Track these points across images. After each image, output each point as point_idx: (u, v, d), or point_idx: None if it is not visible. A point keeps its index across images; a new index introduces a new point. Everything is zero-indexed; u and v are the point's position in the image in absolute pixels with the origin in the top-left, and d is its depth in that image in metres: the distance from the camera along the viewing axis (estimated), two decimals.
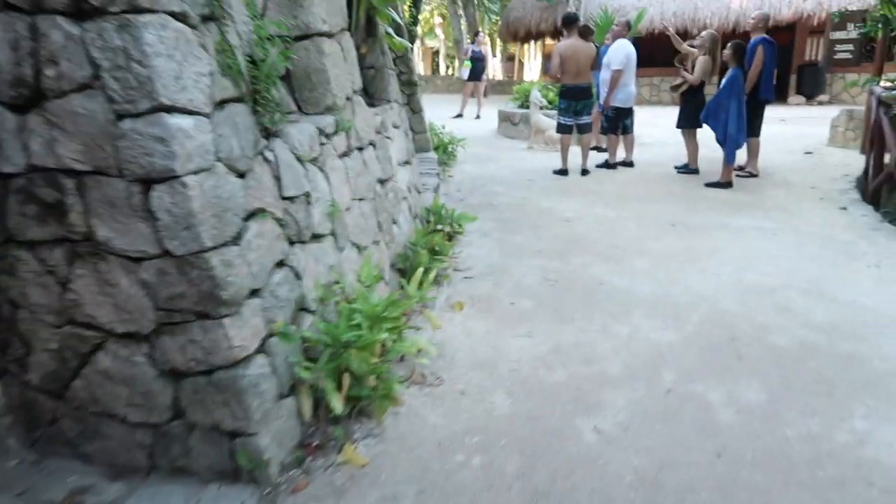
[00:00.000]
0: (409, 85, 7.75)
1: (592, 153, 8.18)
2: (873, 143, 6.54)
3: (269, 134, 2.51)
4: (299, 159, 2.68)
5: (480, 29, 17.35)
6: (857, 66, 8.69)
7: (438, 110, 14.86)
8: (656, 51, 17.12)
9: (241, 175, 2.24)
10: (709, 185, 6.79)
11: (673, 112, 15.82)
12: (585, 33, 7.13)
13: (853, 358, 3.07)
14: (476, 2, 18.87)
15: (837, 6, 13.61)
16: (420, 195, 5.23)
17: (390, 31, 4.60)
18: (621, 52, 7.32)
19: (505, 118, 10.84)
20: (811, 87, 14.93)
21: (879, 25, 6.50)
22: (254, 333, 2.16)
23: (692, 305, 3.69)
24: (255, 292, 2.20)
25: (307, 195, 2.67)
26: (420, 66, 32.99)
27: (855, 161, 8.31)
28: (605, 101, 7.50)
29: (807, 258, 4.47)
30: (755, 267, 4.30)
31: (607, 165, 7.81)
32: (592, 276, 4.20)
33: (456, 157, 8.60)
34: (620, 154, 8.04)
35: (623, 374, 2.93)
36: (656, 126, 12.46)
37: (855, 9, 12.21)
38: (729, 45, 6.67)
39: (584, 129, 7.42)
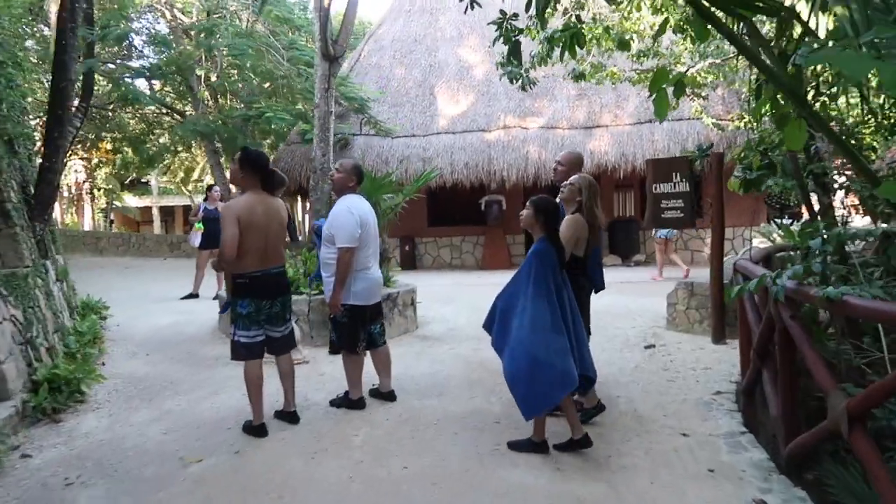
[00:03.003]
0: None
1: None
2: (763, 355, 4.11)
3: None
4: None
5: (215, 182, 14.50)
6: (691, 225, 6.62)
7: (176, 287, 11.22)
8: (453, 207, 15.32)
9: None
10: (514, 446, 3.83)
11: (479, 279, 13.70)
12: (273, 183, 4.21)
13: None
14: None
15: (643, 157, 12.66)
16: None
17: None
18: (349, 217, 4.44)
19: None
20: (626, 246, 13.64)
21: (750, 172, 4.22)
22: None
23: None
24: None
25: None
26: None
27: (713, 358, 6.04)
28: (333, 299, 4.47)
29: None
30: None
31: (348, 403, 4.64)
32: None
33: (84, 397, 4.95)
34: (370, 378, 4.94)
35: None
36: (452, 301, 9.86)
37: (679, 154, 11.18)
38: (529, 202, 4.02)
39: (282, 345, 4.28)
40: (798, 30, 3.31)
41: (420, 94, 15.01)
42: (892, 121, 4.41)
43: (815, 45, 2.26)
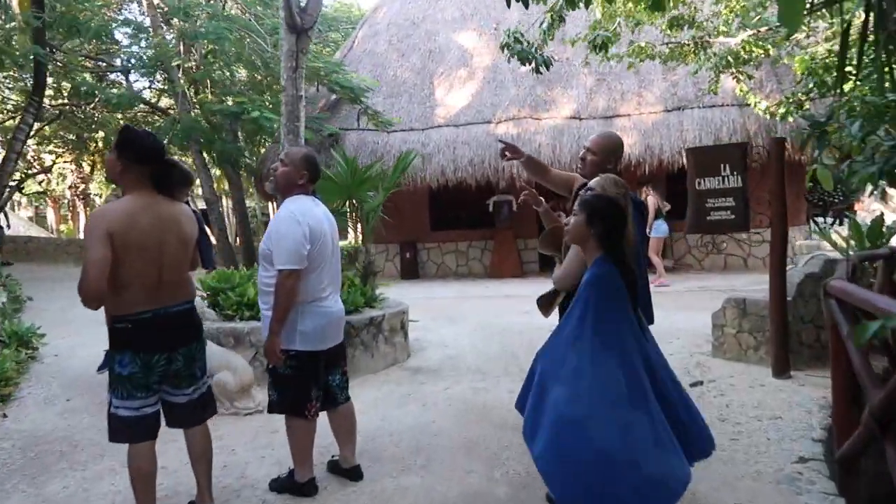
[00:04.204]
0: None
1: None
2: (887, 423, 2.87)
3: None
4: None
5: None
6: (744, 228, 5.33)
7: None
8: (458, 209, 14.05)
9: None
10: None
11: (487, 289, 12.39)
12: (171, 181, 2.97)
13: None
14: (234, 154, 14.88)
15: (670, 150, 11.35)
16: None
17: None
18: (293, 227, 3.20)
19: None
20: None
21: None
22: None
23: None
24: None
25: None
26: None
27: (779, 399, 4.80)
28: (269, 343, 3.22)
29: None
30: None
31: (293, 487, 3.40)
32: None
33: None
34: (329, 443, 3.71)
35: None
36: (454, 319, 8.62)
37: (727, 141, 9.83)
38: (579, 203, 2.73)
39: (190, 413, 3.08)
40: None
41: (418, 84, 13.74)
42: None
43: None
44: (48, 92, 19.82)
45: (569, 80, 13.19)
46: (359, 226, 7.68)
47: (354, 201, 7.15)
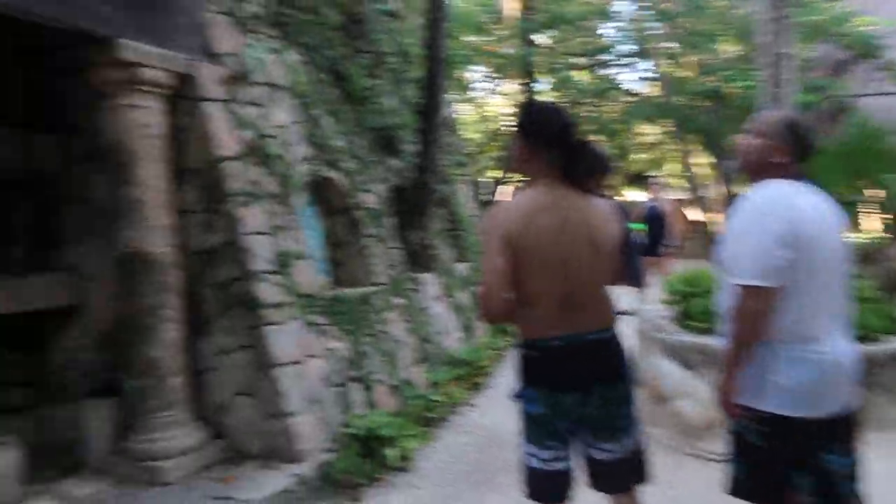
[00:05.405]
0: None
1: None
2: None
3: None
4: None
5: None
6: None
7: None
8: None
9: None
10: None
11: None
12: (580, 168, 2.23)
13: None
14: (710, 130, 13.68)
15: None
16: None
17: None
18: (762, 224, 2.16)
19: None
20: None
21: None
22: None
23: None
24: None
25: None
26: None
27: None
28: (723, 390, 2.27)
29: None
30: None
31: None
32: None
33: (408, 465, 3.91)
34: None
35: None
36: None
37: None
38: None
39: (613, 474, 2.32)
40: None
41: None
42: None
43: None
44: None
45: None
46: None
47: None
